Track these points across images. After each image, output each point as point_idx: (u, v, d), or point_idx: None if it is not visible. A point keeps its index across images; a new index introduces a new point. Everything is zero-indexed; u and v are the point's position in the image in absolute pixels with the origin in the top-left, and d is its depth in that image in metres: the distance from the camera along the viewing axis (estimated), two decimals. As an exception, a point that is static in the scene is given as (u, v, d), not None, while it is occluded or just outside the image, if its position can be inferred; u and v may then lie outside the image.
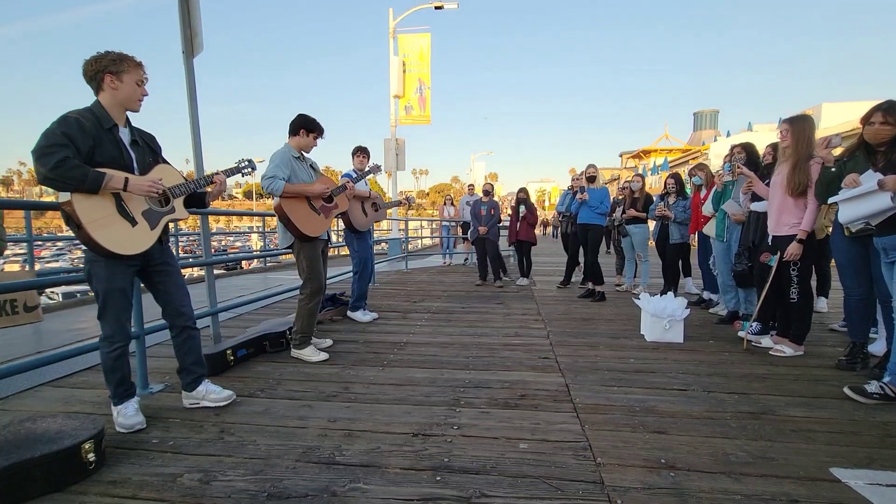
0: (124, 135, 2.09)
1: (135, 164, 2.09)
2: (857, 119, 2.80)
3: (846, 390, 2.54)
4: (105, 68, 1.99)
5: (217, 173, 2.43)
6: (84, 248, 2.01)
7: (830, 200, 2.80)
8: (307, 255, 3.24)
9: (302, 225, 3.13)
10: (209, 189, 2.43)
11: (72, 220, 1.91)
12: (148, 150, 2.20)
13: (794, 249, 3.14)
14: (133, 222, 2.05)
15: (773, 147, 3.73)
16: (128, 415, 2.17)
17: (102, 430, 1.86)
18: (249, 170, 2.72)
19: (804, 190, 3.10)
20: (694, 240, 5.38)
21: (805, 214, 3.12)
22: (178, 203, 2.25)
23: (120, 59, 2.01)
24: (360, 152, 4.45)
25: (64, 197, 1.88)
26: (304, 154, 3.34)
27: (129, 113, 2.13)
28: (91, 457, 1.77)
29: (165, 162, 2.27)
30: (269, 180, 3.03)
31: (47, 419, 1.90)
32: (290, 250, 3.31)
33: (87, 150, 1.90)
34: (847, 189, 2.62)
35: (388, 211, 4.89)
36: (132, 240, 2.04)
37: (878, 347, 3.21)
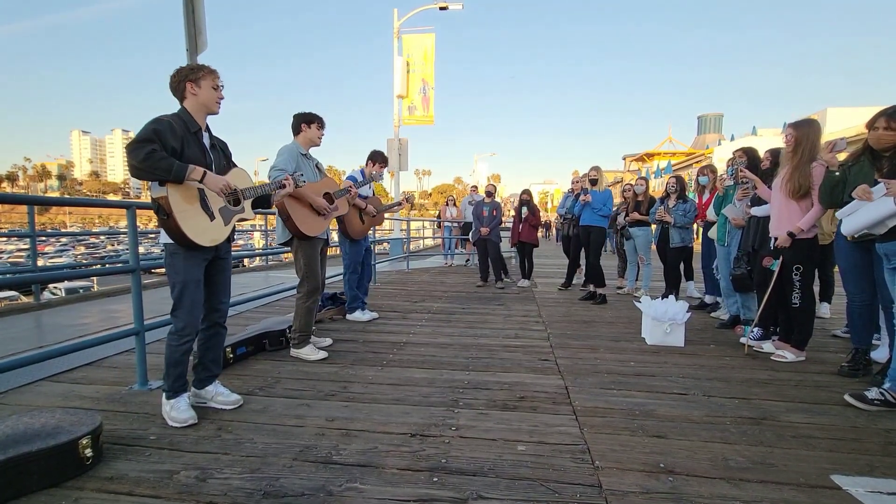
0: (205, 139, 2.28)
1: (213, 167, 2.27)
2: (863, 124, 2.79)
3: (847, 397, 2.52)
4: (185, 77, 2.18)
5: (287, 178, 2.62)
6: (162, 243, 2.18)
7: (838, 215, 2.80)
8: (305, 253, 3.24)
9: (301, 223, 3.13)
10: (277, 191, 2.59)
11: (162, 208, 2.08)
12: (222, 155, 2.38)
13: (782, 241, 3.15)
14: (212, 217, 2.21)
15: (772, 153, 3.71)
16: (181, 408, 2.22)
17: (100, 425, 1.86)
18: (304, 181, 2.93)
19: (805, 193, 3.08)
20: (697, 243, 5.36)
21: (809, 214, 3.10)
22: (247, 204, 2.42)
23: (196, 68, 2.21)
24: (380, 161, 4.39)
25: (159, 192, 2.06)
26: (311, 153, 3.35)
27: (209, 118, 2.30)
28: (88, 452, 1.77)
29: (236, 166, 2.46)
30: (279, 171, 3.04)
31: (45, 414, 1.91)
32: (289, 248, 3.31)
33: (175, 149, 2.08)
34: (858, 201, 2.60)
35: (388, 213, 4.86)
36: (209, 232, 2.20)
37: (881, 354, 3.19)
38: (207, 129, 2.31)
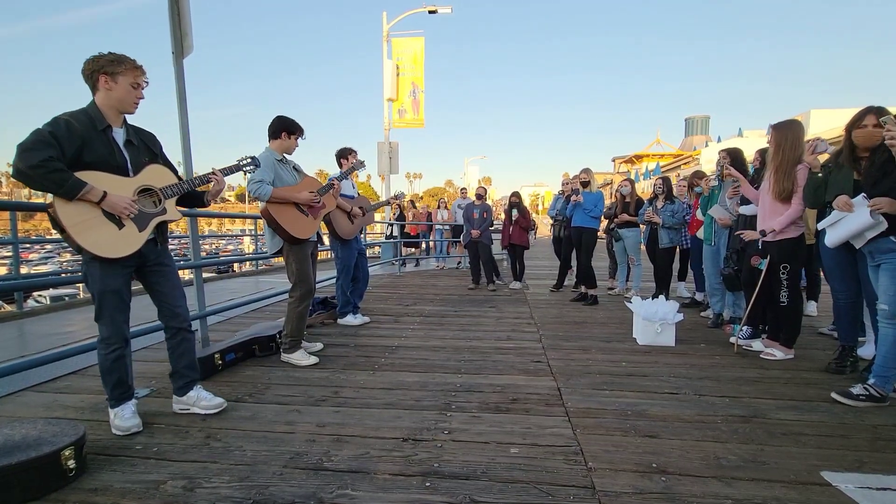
0: (118, 135, 2.06)
1: (129, 165, 2.07)
2: (845, 126, 2.81)
3: (833, 395, 2.55)
4: (101, 68, 1.97)
5: (214, 172, 2.38)
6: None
7: (819, 226, 2.84)
8: (296, 257, 3.21)
9: (290, 227, 3.10)
10: (207, 188, 2.39)
11: (56, 222, 1.89)
12: (144, 150, 2.17)
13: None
14: (119, 225, 2.00)
15: (762, 153, 3.76)
16: (125, 416, 2.14)
17: (83, 436, 1.82)
18: (252, 167, 2.70)
19: (790, 195, 3.12)
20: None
21: (785, 214, 3.14)
22: (170, 204, 2.20)
23: (118, 61, 1.99)
24: (349, 153, 4.35)
25: (51, 198, 1.88)
26: (287, 156, 3.31)
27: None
28: (71, 464, 1.73)
29: (165, 161, 2.26)
30: (256, 184, 3.00)
31: (26, 425, 1.86)
32: (280, 253, 3.28)
33: (74, 152, 1.88)
34: (837, 212, 2.64)
35: (381, 212, 4.83)
36: (118, 242, 2.00)
37: (867, 351, 3.23)
38: (124, 122, 2.09)
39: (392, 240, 10.28)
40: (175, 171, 2.31)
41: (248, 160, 2.66)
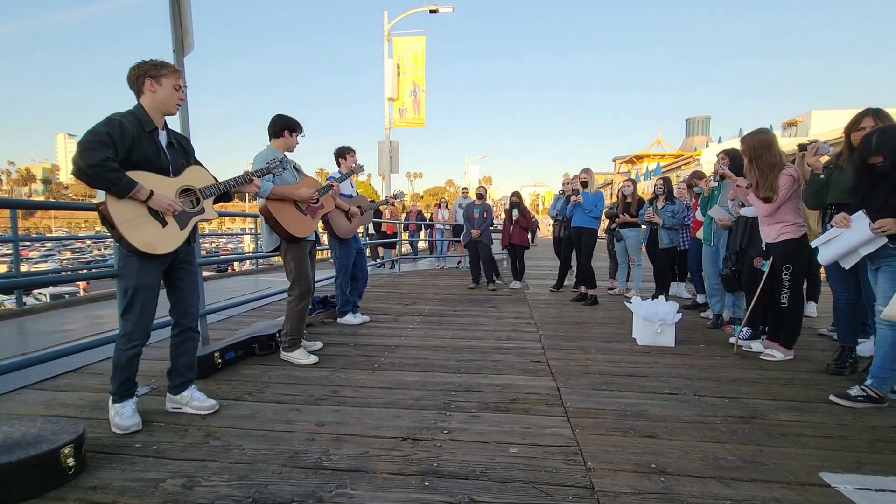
0: (162, 137, 2.18)
1: (170, 166, 2.18)
2: (843, 128, 2.82)
3: (832, 397, 2.54)
4: (146, 72, 2.10)
5: (250, 174, 2.51)
6: (117, 244, 2.09)
7: (814, 244, 2.83)
8: (294, 256, 3.21)
9: (289, 226, 3.10)
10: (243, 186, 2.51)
11: (106, 219, 1.97)
12: (182, 153, 2.29)
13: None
14: (163, 223, 2.11)
15: None
16: (125, 415, 2.16)
17: (83, 434, 1.82)
18: (281, 168, 2.88)
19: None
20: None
21: (768, 205, 3.15)
22: (208, 204, 2.32)
23: (160, 65, 2.13)
24: (347, 153, 4.35)
25: (100, 197, 1.97)
26: (287, 155, 3.31)
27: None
28: (70, 462, 1.73)
29: (198, 163, 2.36)
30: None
31: (26, 423, 1.86)
32: (278, 252, 3.28)
33: (126, 152, 1.99)
34: (835, 229, 2.64)
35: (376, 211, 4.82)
36: (162, 240, 2.10)
37: (867, 348, 3.22)
38: (165, 125, 2.21)
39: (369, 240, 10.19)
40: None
41: (277, 162, 2.83)
